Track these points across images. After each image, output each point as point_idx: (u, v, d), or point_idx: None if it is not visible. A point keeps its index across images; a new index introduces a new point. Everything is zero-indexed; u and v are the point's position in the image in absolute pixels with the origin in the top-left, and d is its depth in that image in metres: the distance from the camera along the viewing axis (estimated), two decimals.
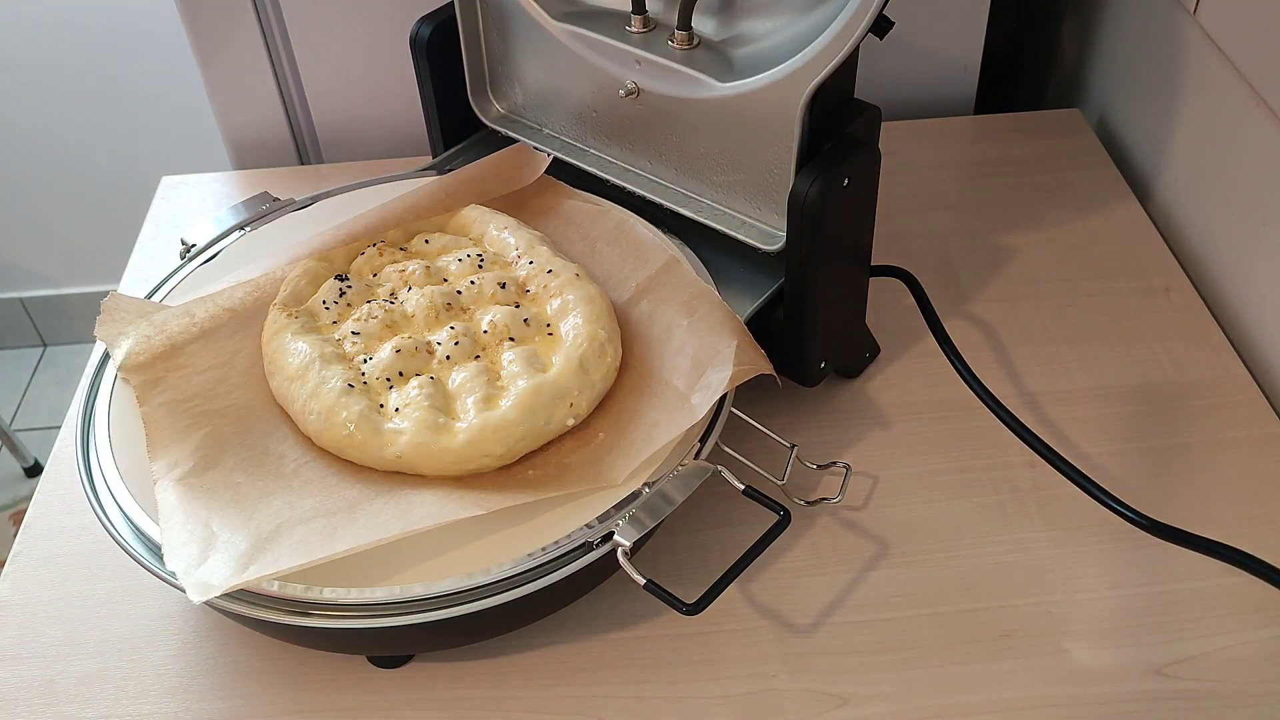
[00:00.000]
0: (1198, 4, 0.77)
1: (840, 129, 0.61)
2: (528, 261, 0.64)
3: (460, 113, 0.74)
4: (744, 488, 0.57)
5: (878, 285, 0.71)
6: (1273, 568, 0.56)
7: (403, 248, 0.67)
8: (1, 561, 0.67)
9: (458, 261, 0.65)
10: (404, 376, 0.58)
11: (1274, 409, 0.69)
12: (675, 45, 0.64)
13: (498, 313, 0.61)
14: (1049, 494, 0.65)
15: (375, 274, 0.65)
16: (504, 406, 0.56)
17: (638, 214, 0.68)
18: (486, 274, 0.63)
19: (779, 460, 0.62)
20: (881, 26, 0.55)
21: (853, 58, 0.58)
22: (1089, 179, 0.87)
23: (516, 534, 0.53)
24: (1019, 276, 0.79)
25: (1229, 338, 0.74)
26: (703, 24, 0.65)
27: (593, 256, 0.67)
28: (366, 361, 0.59)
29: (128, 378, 0.60)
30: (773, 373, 0.60)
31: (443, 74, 0.72)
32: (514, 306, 0.62)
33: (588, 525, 0.53)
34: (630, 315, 0.63)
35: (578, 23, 0.67)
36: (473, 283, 0.63)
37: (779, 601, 0.61)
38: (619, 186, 0.69)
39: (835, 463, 0.65)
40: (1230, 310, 0.76)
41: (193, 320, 0.62)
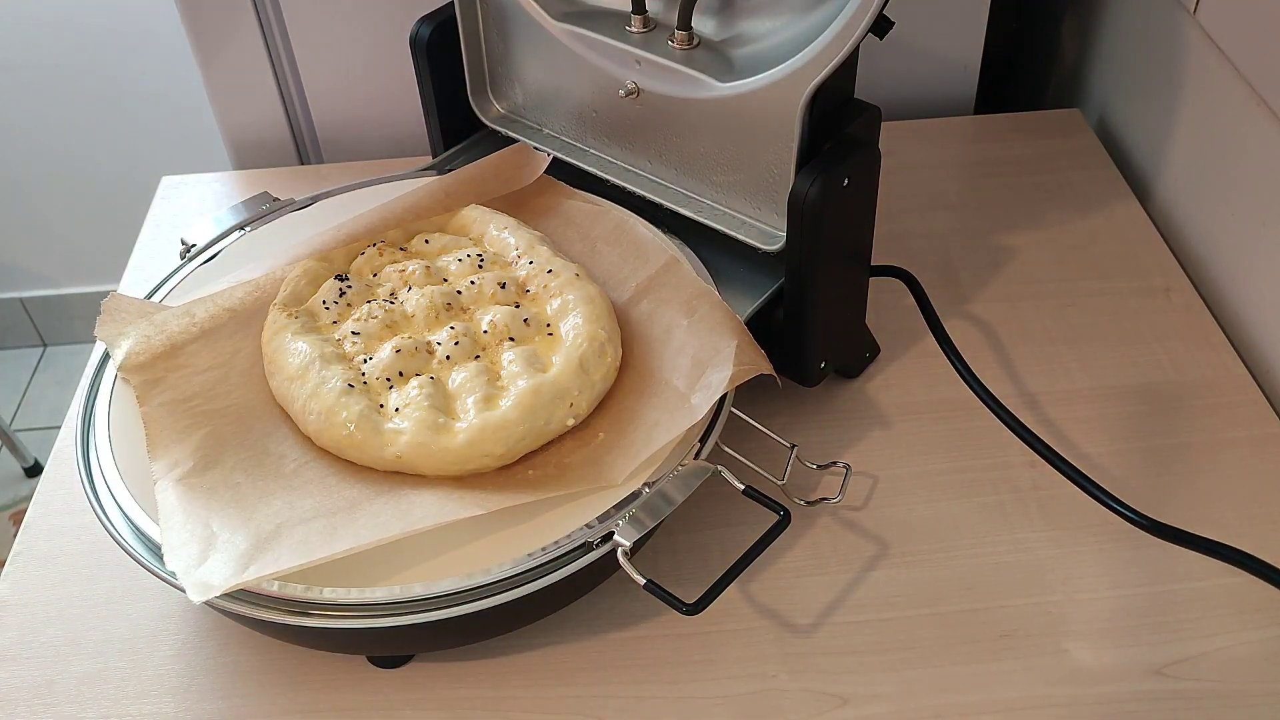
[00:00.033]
0: (1198, 4, 0.77)
1: (840, 129, 0.61)
2: (528, 261, 0.64)
3: (460, 113, 0.74)
4: (744, 488, 0.57)
5: (878, 285, 0.71)
6: (1273, 568, 0.56)
7: (403, 248, 0.67)
8: (1, 561, 0.67)
9: (458, 261, 0.65)
10: (404, 376, 0.58)
11: (1274, 409, 0.69)
12: (675, 45, 0.64)
13: (498, 313, 0.61)
14: (1049, 494, 0.65)
15: (375, 274, 0.65)
16: (504, 406, 0.56)
17: (638, 214, 0.68)
18: (486, 274, 0.63)
19: (779, 460, 0.62)
20: (881, 26, 0.55)
21: (853, 58, 0.58)
22: (1089, 179, 0.87)
23: (516, 534, 0.53)
24: (1019, 276, 0.79)
25: (1229, 338, 0.74)
26: (703, 24, 0.65)
27: (593, 256, 0.67)
28: (366, 361, 0.59)
29: (128, 378, 0.60)
30: (773, 373, 0.60)
31: (443, 74, 0.72)
32: (514, 306, 0.62)
33: (588, 525, 0.53)
34: (630, 315, 0.63)
35: (578, 23, 0.67)
36: (473, 283, 0.63)
37: (779, 601, 0.61)
38: (619, 186, 0.69)
39: (835, 463, 0.65)
40: (1230, 310, 0.76)
41: (193, 320, 0.62)
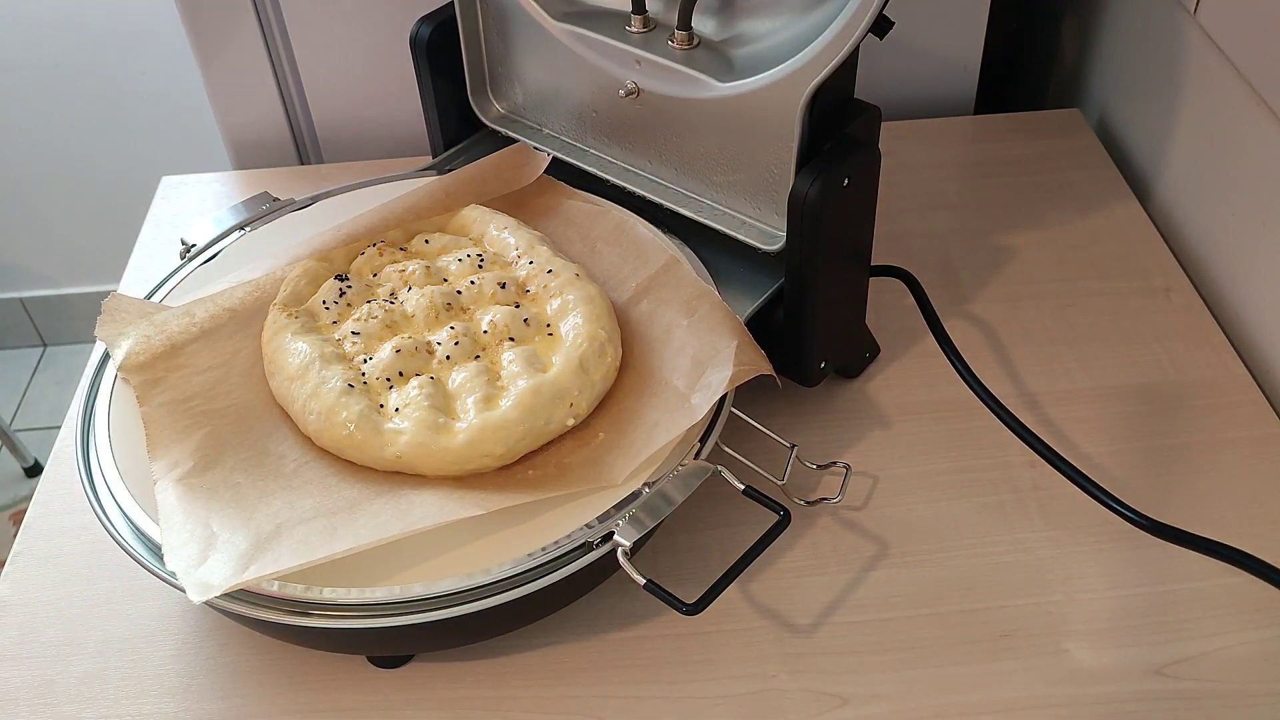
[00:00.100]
0: (1198, 4, 0.77)
1: (840, 129, 0.61)
2: (528, 261, 0.64)
3: (460, 113, 0.74)
4: (744, 488, 0.57)
5: (878, 285, 0.71)
6: (1273, 568, 0.56)
7: (403, 248, 0.67)
8: (1, 561, 0.67)
9: (458, 261, 0.65)
10: (404, 376, 0.58)
11: (1274, 409, 0.69)
12: (675, 45, 0.64)
13: (498, 313, 0.61)
14: (1049, 494, 0.65)
15: (375, 274, 0.65)
16: (504, 406, 0.56)
17: (638, 214, 0.68)
18: (486, 274, 0.63)
19: (779, 460, 0.62)
20: (881, 26, 0.55)
21: (853, 58, 0.58)
22: (1089, 179, 0.87)
23: (516, 534, 0.53)
24: (1019, 276, 0.79)
25: (1229, 338, 0.74)
26: (703, 24, 0.65)
27: (593, 256, 0.67)
28: (366, 361, 0.59)
29: (128, 378, 0.60)
30: (773, 373, 0.60)
31: (443, 74, 0.72)
32: (514, 306, 0.62)
33: (588, 525, 0.53)
34: (630, 315, 0.63)
35: (578, 23, 0.67)
36: (473, 283, 0.63)
37: (779, 601, 0.61)
38: (619, 186, 0.69)
39: (835, 463, 0.65)
40: (1230, 310, 0.76)
41: (193, 320, 0.62)
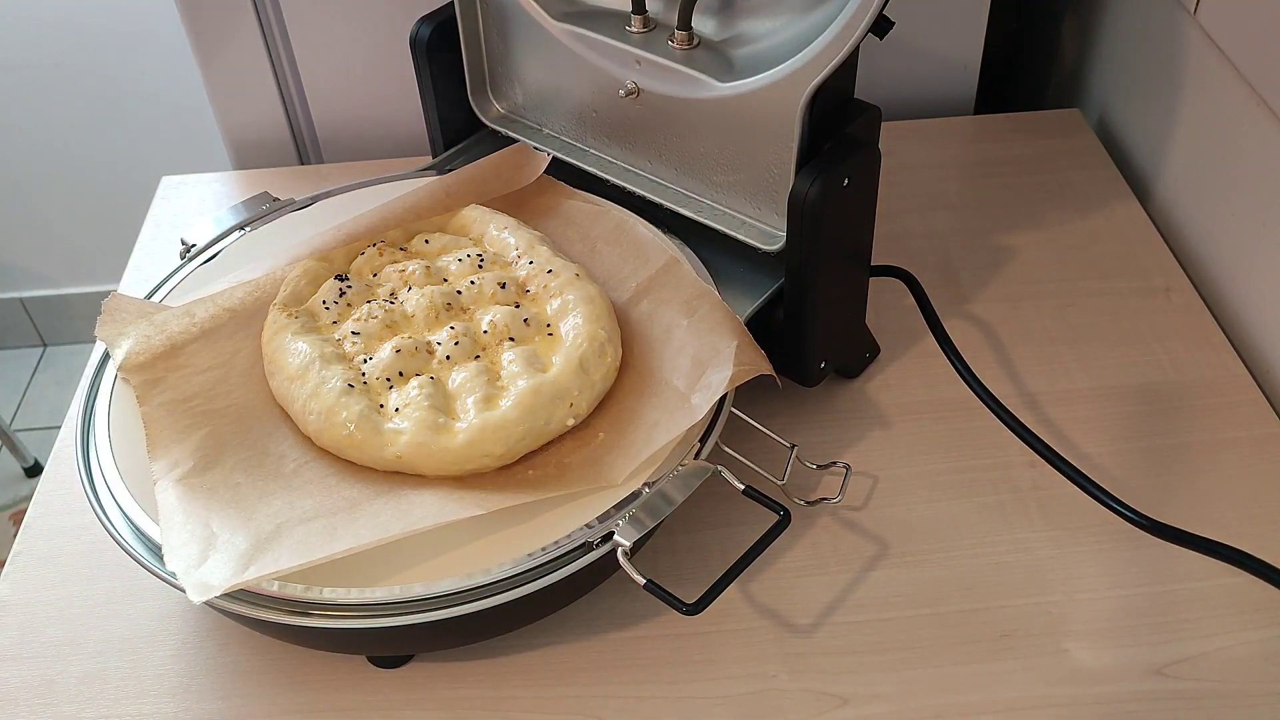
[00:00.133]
0: (1198, 4, 0.77)
1: (840, 129, 0.61)
2: (528, 261, 0.64)
3: (460, 113, 0.74)
4: (744, 488, 0.57)
5: (878, 285, 0.71)
6: (1273, 568, 0.56)
7: (403, 248, 0.67)
8: (1, 561, 0.67)
9: (458, 261, 0.65)
10: (404, 376, 0.58)
11: (1274, 409, 0.69)
12: (675, 45, 0.64)
13: (498, 313, 0.61)
14: (1049, 494, 0.65)
15: (375, 274, 0.65)
16: (504, 406, 0.56)
17: (638, 214, 0.68)
18: (486, 274, 0.63)
19: (779, 460, 0.62)
20: (881, 26, 0.55)
21: (853, 58, 0.58)
22: (1089, 179, 0.87)
23: (516, 534, 0.53)
24: (1019, 276, 0.79)
25: (1229, 338, 0.74)
26: (703, 24, 0.65)
27: (593, 256, 0.67)
28: (366, 361, 0.59)
29: (128, 378, 0.60)
30: (773, 373, 0.60)
31: (443, 74, 0.72)
32: (514, 306, 0.62)
33: (588, 525, 0.53)
34: (630, 315, 0.63)
35: (578, 23, 0.67)
36: (473, 283, 0.63)
37: (779, 601, 0.61)
38: (619, 186, 0.69)
39: (835, 463, 0.65)
40: (1230, 310, 0.76)
41: (193, 320, 0.62)
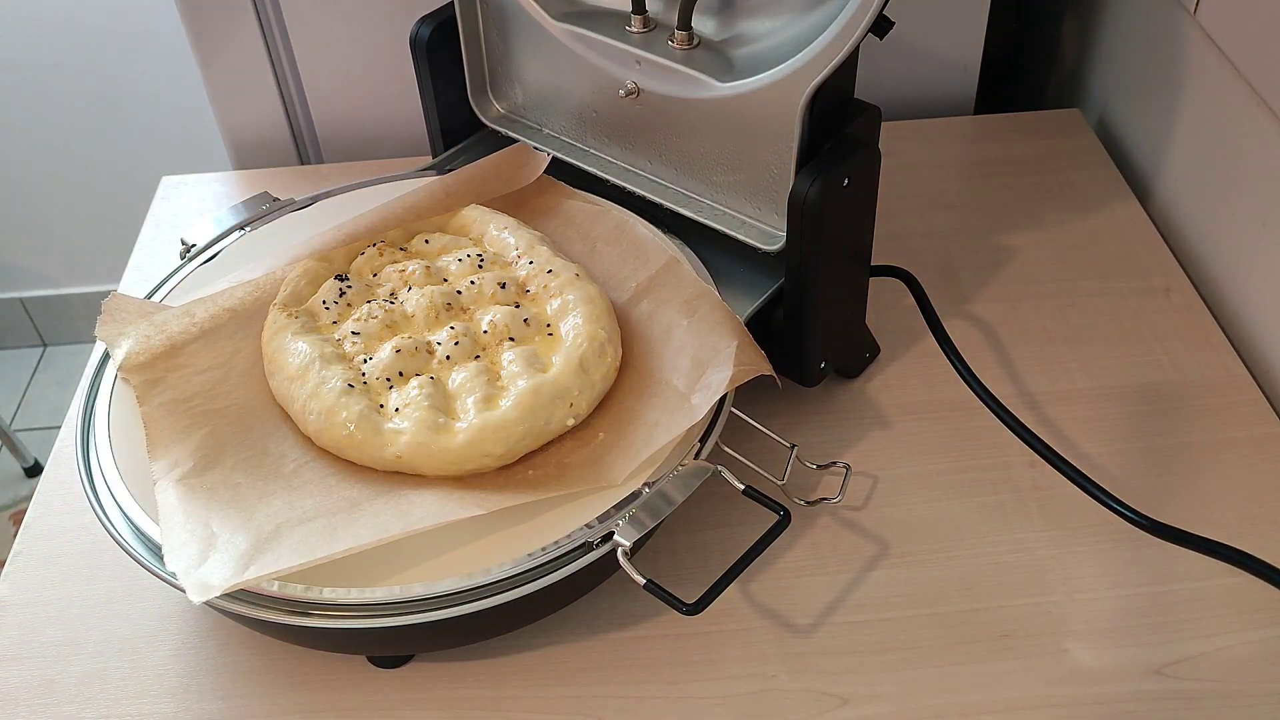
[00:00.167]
0: (1198, 4, 0.77)
1: (840, 129, 0.61)
2: (528, 261, 0.64)
3: (460, 113, 0.74)
4: (744, 488, 0.57)
5: (878, 285, 0.71)
6: (1273, 568, 0.56)
7: (403, 248, 0.67)
8: (1, 561, 0.67)
9: (458, 261, 0.65)
10: (404, 376, 0.58)
11: (1274, 409, 0.69)
12: (675, 45, 0.64)
13: (498, 313, 0.61)
14: (1049, 494, 0.65)
15: (375, 274, 0.65)
16: (504, 406, 0.56)
17: (638, 214, 0.68)
18: (486, 274, 0.63)
19: (779, 460, 0.62)
20: (881, 26, 0.55)
21: (853, 58, 0.58)
22: (1089, 179, 0.87)
23: (516, 534, 0.53)
24: (1019, 276, 0.79)
25: (1229, 338, 0.74)
26: (703, 24, 0.65)
27: (593, 256, 0.67)
28: (366, 361, 0.59)
29: (128, 378, 0.60)
30: (773, 374, 0.60)
31: (443, 74, 0.72)
32: (514, 306, 0.62)
33: (588, 525, 0.53)
34: (630, 315, 0.63)
35: (578, 23, 0.67)
36: (473, 283, 0.63)
37: (779, 601, 0.61)
38: (619, 186, 0.69)
39: (835, 463, 0.65)
40: (1230, 310, 0.76)
41: (193, 320, 0.62)
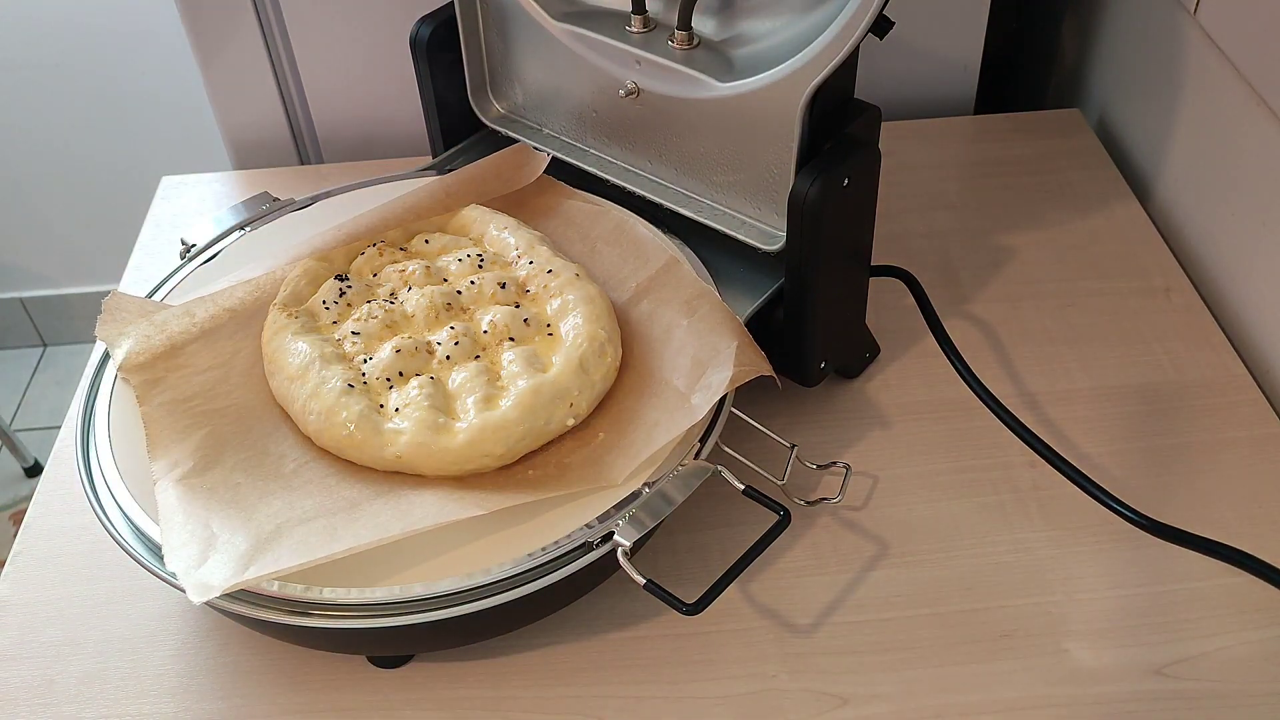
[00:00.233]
0: (1198, 4, 0.77)
1: (840, 129, 0.61)
2: (528, 261, 0.64)
3: (460, 113, 0.74)
4: (744, 488, 0.57)
5: (878, 285, 0.71)
6: (1273, 568, 0.56)
7: (403, 248, 0.67)
8: (1, 561, 0.67)
9: (458, 261, 0.65)
10: (404, 376, 0.58)
11: (1274, 409, 0.69)
12: (675, 45, 0.64)
13: (498, 313, 0.61)
14: (1049, 494, 0.65)
15: (375, 274, 0.65)
16: (504, 406, 0.56)
17: (638, 214, 0.68)
18: (486, 274, 0.63)
19: (779, 460, 0.62)
20: (881, 26, 0.55)
21: (853, 58, 0.58)
22: (1089, 179, 0.87)
23: (516, 534, 0.53)
24: (1019, 276, 0.79)
25: (1229, 338, 0.74)
26: (703, 24, 0.65)
27: (593, 256, 0.67)
28: (366, 361, 0.59)
29: (128, 378, 0.60)
30: (773, 374, 0.60)
31: (443, 74, 0.72)
32: (514, 306, 0.62)
33: (588, 525, 0.53)
34: (630, 315, 0.63)
35: (578, 23, 0.67)
36: (473, 283, 0.63)
37: (779, 601, 0.61)
38: (619, 186, 0.69)
39: (835, 463, 0.65)
40: (1230, 310, 0.76)
41: (193, 320, 0.62)
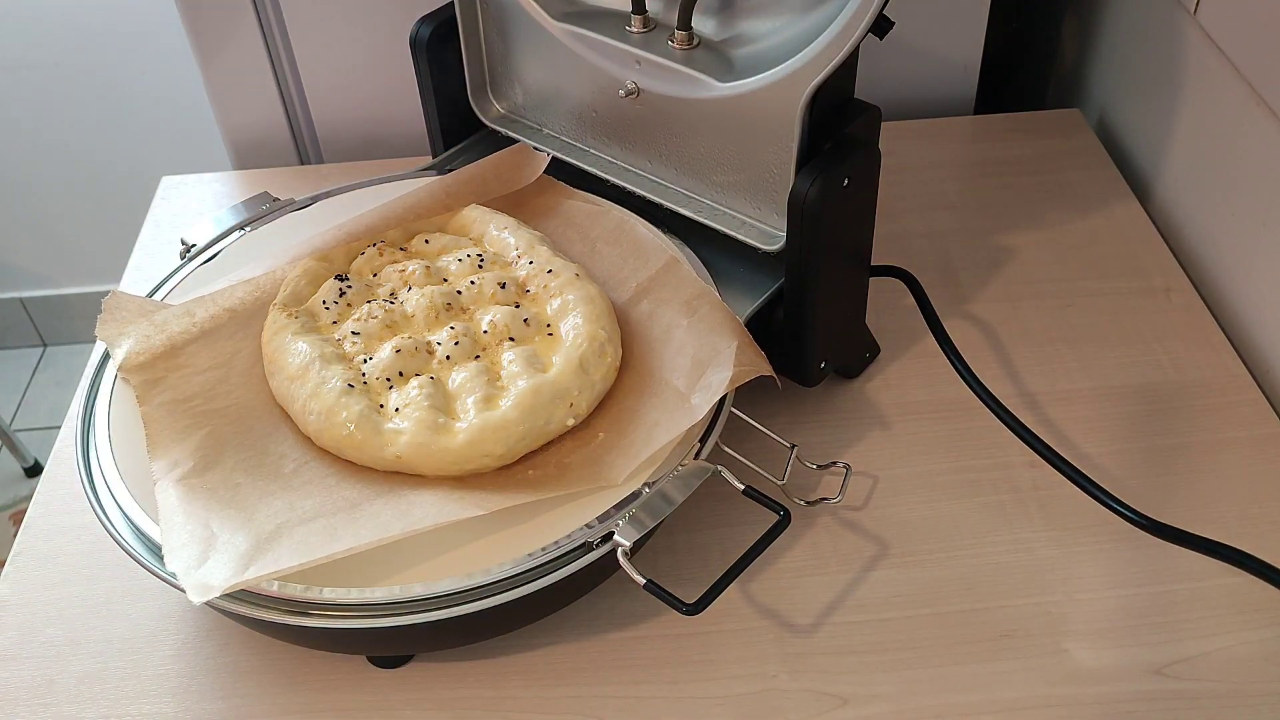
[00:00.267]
0: (1198, 4, 0.77)
1: (840, 129, 0.61)
2: (528, 261, 0.64)
3: (460, 113, 0.74)
4: (744, 488, 0.57)
5: (878, 285, 0.71)
6: (1273, 568, 0.56)
7: (403, 248, 0.67)
8: (1, 561, 0.67)
9: (458, 261, 0.65)
10: (404, 376, 0.58)
11: (1274, 409, 0.69)
12: (675, 45, 0.64)
13: (498, 313, 0.61)
14: (1049, 494, 0.65)
15: (375, 274, 0.65)
16: (504, 406, 0.56)
17: (638, 214, 0.68)
18: (486, 274, 0.63)
19: (779, 460, 0.62)
20: (881, 26, 0.55)
21: (853, 58, 0.58)
22: (1089, 179, 0.87)
23: (516, 534, 0.53)
24: (1019, 276, 0.79)
25: (1229, 338, 0.74)
26: (703, 24, 0.65)
27: (593, 256, 0.67)
28: (366, 361, 0.59)
29: (128, 378, 0.60)
30: (773, 374, 0.60)
31: (443, 74, 0.72)
32: (514, 306, 0.62)
33: (588, 525, 0.53)
34: (630, 315, 0.63)
35: (578, 23, 0.67)
36: (473, 283, 0.63)
37: (779, 601, 0.61)
38: (619, 186, 0.69)
39: (835, 463, 0.65)
40: (1230, 310, 0.76)
41: (193, 320, 0.62)
